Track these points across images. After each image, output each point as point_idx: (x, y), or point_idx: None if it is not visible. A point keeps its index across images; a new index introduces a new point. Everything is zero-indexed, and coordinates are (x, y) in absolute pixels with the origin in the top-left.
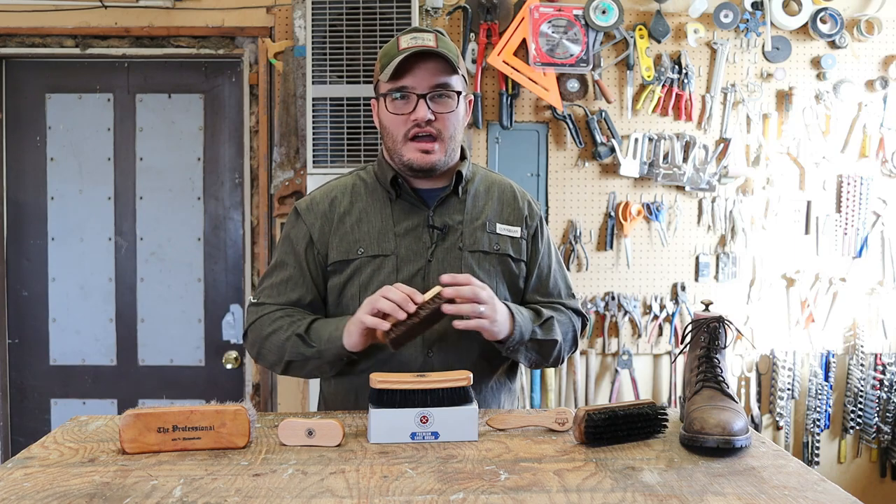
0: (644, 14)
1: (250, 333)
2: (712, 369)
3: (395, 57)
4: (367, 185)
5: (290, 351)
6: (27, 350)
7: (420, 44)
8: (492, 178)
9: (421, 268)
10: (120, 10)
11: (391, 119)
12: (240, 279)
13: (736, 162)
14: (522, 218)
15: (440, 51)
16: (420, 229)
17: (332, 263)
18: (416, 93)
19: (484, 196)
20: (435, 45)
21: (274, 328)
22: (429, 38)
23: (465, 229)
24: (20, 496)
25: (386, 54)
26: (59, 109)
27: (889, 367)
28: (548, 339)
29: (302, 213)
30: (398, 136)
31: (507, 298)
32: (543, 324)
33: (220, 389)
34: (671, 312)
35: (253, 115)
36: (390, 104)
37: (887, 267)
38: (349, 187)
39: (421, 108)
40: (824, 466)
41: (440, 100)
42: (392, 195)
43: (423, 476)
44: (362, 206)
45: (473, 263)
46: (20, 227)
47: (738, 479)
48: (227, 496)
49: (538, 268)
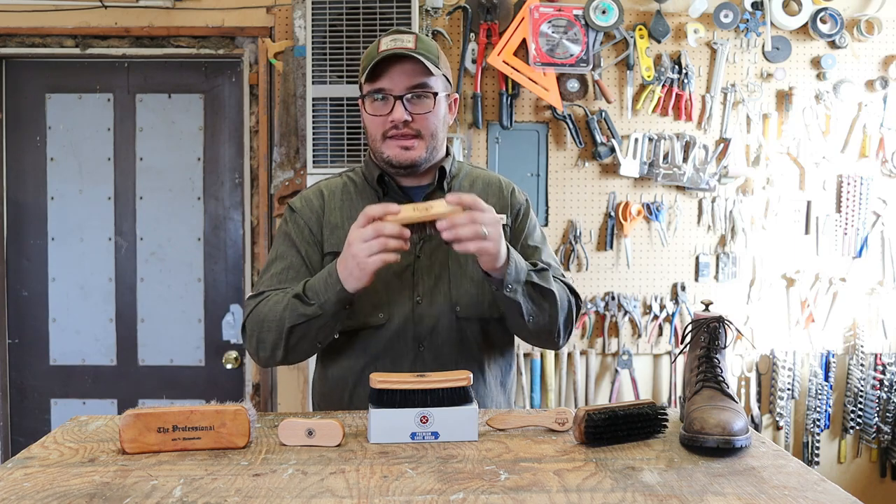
0: (644, 14)
1: (248, 324)
2: (712, 369)
3: (374, 59)
4: (357, 185)
5: (290, 316)
6: (27, 350)
7: (398, 46)
8: (476, 173)
9: (409, 264)
10: (120, 10)
11: (370, 119)
12: (240, 279)
13: (736, 162)
14: (507, 205)
15: (415, 54)
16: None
17: (326, 254)
18: (392, 94)
19: (468, 190)
20: (414, 46)
21: (269, 305)
22: (408, 39)
23: None
24: (20, 496)
25: (367, 56)
26: (59, 109)
27: (889, 367)
28: (545, 286)
29: (297, 209)
30: (377, 136)
31: None
32: (539, 271)
33: (220, 389)
34: (671, 312)
35: (253, 115)
36: (370, 105)
37: (887, 267)
38: (339, 186)
39: (397, 109)
40: (824, 466)
41: (417, 101)
42: (379, 193)
43: (423, 476)
44: (352, 205)
45: (460, 257)
46: (20, 227)
47: (738, 479)
48: (227, 496)
49: (523, 245)
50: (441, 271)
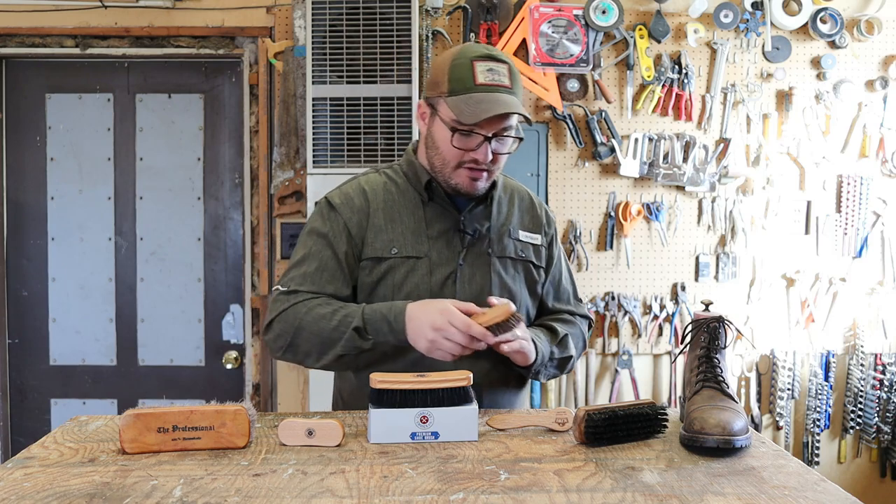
0: (644, 14)
1: (278, 323)
2: (712, 369)
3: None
4: (399, 185)
5: (345, 345)
6: (27, 350)
7: (496, 81)
8: (510, 184)
9: (452, 272)
10: (120, 10)
11: (448, 147)
12: (240, 279)
13: (736, 162)
14: (541, 226)
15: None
16: (451, 233)
17: (365, 259)
18: (483, 133)
19: (507, 203)
20: (509, 82)
21: (313, 317)
22: (503, 71)
23: (492, 235)
24: (20, 496)
25: (458, 79)
26: (59, 109)
27: (889, 367)
28: (564, 356)
29: (337, 206)
30: (451, 162)
31: (528, 304)
32: (560, 342)
33: (220, 389)
34: (671, 312)
35: (253, 115)
36: (456, 137)
37: (887, 267)
38: (380, 185)
39: (484, 150)
40: (824, 466)
41: (501, 140)
42: (424, 198)
43: (423, 476)
44: (395, 206)
45: (501, 269)
46: (20, 227)
47: (738, 479)
48: (227, 496)
49: (552, 274)
50: (483, 281)
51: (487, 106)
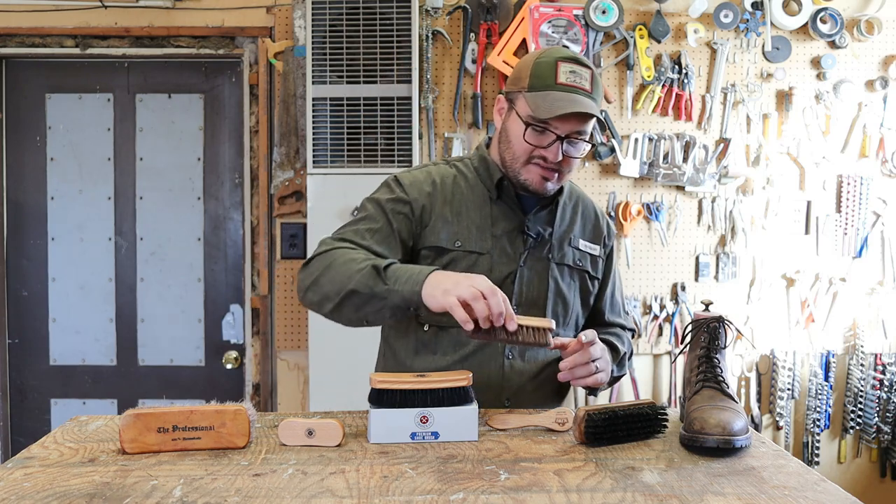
0: (644, 14)
1: (315, 261)
2: (712, 369)
3: (549, 87)
4: (468, 179)
5: (359, 281)
6: (27, 350)
7: (577, 83)
8: (576, 191)
9: (512, 272)
10: (120, 10)
11: (520, 142)
12: (240, 279)
13: (736, 162)
14: (601, 237)
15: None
16: (514, 234)
17: (427, 247)
18: (556, 132)
19: (571, 210)
20: (590, 87)
21: (349, 258)
22: (586, 76)
23: (554, 241)
24: (20, 496)
25: (540, 76)
26: (59, 109)
27: (889, 367)
28: (621, 374)
29: (405, 185)
30: (522, 156)
31: (579, 312)
32: (620, 361)
33: (220, 389)
34: (671, 312)
35: (253, 115)
36: (529, 133)
37: (887, 267)
38: (450, 178)
39: (556, 149)
40: (824, 466)
41: (575, 144)
42: (493, 195)
43: (423, 476)
44: (463, 199)
45: (558, 275)
46: (20, 227)
47: (738, 479)
48: (227, 496)
49: (608, 287)
50: (540, 285)
51: (564, 104)
